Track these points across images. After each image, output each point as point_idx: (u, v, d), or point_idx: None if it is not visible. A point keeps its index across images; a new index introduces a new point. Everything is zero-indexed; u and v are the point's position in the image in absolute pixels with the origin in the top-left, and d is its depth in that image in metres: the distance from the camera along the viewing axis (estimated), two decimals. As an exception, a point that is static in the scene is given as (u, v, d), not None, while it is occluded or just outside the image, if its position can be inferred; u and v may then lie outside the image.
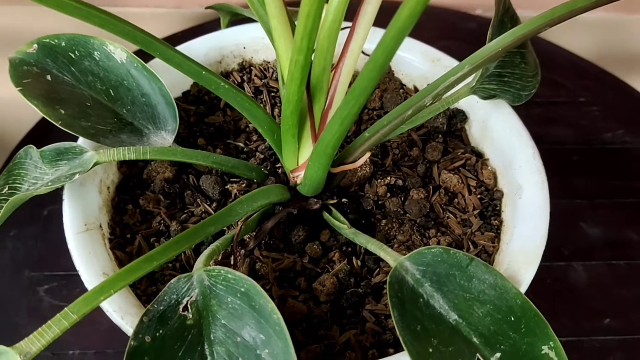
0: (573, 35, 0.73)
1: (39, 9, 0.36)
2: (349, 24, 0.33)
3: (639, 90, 0.67)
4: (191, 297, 0.30)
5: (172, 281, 0.30)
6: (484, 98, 0.40)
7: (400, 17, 0.25)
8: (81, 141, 0.37)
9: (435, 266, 0.32)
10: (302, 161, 0.36)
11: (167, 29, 0.72)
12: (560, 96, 0.67)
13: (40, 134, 0.58)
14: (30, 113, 0.42)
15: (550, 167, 0.40)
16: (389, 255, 0.32)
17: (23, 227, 0.53)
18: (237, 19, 0.49)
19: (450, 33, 0.74)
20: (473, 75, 0.39)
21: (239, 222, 0.35)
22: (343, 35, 0.32)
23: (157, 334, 0.28)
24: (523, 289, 0.33)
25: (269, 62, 0.48)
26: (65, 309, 0.27)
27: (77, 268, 0.33)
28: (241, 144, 0.43)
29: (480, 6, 0.79)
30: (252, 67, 0.47)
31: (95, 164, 0.34)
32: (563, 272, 0.53)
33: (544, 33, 0.64)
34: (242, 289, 0.29)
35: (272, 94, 0.46)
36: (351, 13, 0.32)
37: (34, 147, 0.36)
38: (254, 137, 0.43)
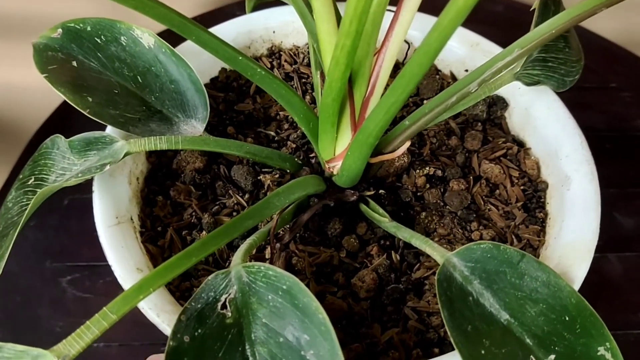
0: (602, 18, 0.71)
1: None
2: (393, 8, 0.31)
3: (672, 76, 0.65)
4: (229, 294, 0.28)
5: (209, 278, 0.29)
6: (528, 84, 0.38)
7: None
8: (110, 130, 0.36)
9: (485, 263, 0.30)
10: (340, 151, 0.35)
11: (187, 12, 0.70)
12: (590, 81, 0.65)
13: (58, 122, 0.57)
14: (47, 100, 0.40)
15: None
16: (435, 252, 0.31)
17: (44, 217, 0.52)
18: (262, 2, 0.47)
19: (476, 16, 0.72)
20: (517, 60, 0.37)
21: (275, 215, 0.34)
22: (385, 18, 0.30)
23: (196, 334, 0.27)
24: (576, 286, 0.32)
25: (299, 47, 0.46)
26: (104, 308, 0.26)
27: (110, 263, 0.32)
28: (272, 133, 0.41)
29: (507, -12, 0.76)
30: (281, 52, 0.46)
31: (126, 154, 0.33)
32: (597, 264, 0.51)
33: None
34: (284, 287, 0.28)
35: (303, 80, 0.44)
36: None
37: (62, 137, 0.34)
38: (285, 126, 0.42)
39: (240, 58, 0.32)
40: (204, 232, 0.36)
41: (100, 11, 0.36)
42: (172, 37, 0.36)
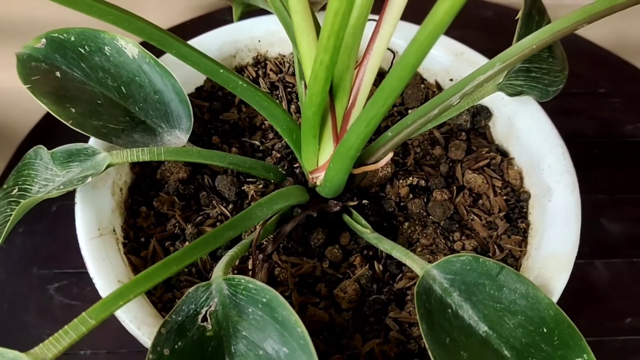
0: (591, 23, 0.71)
1: None
2: (375, 17, 0.31)
3: (660, 81, 0.65)
4: (210, 306, 0.29)
5: (190, 290, 0.29)
6: (511, 95, 0.38)
7: (436, 14, 0.23)
8: (93, 141, 0.36)
9: (464, 275, 0.30)
10: (323, 162, 0.35)
11: (176, 17, 0.70)
12: (579, 87, 0.65)
13: (47, 130, 0.57)
14: (38, 105, 0.40)
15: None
16: (415, 264, 0.31)
17: (32, 224, 0.52)
18: (250, 10, 0.47)
19: (465, 21, 0.72)
20: (499, 71, 0.37)
21: (258, 226, 0.34)
22: (367, 29, 0.30)
23: (176, 347, 0.27)
24: (555, 297, 0.32)
25: (284, 56, 0.46)
26: (83, 313, 0.26)
27: (91, 275, 0.32)
28: (257, 142, 0.41)
29: (497, -7, 0.76)
30: (267, 62, 0.46)
31: (108, 166, 0.33)
32: (583, 270, 0.52)
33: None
34: (264, 300, 0.28)
35: (289, 89, 0.44)
36: (378, 4, 0.30)
37: (44, 148, 0.34)
38: (270, 135, 0.42)
39: (222, 71, 0.32)
40: (187, 243, 0.36)
41: (87, 20, 0.36)
42: (156, 48, 0.36)
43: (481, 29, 0.70)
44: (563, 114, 0.64)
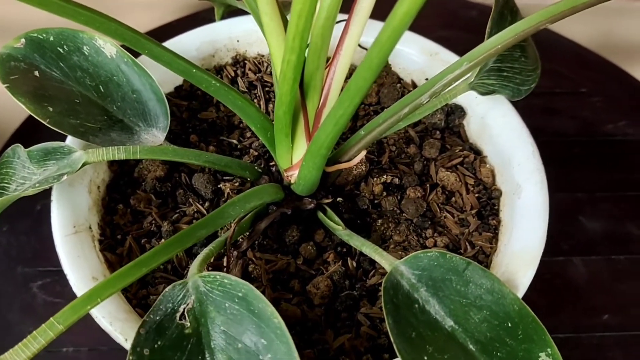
0: (574, 22, 0.72)
1: None
2: (345, 16, 0.32)
3: (641, 81, 0.66)
4: (187, 304, 0.29)
5: (166, 289, 0.29)
6: (483, 94, 0.39)
7: (396, 16, 0.24)
8: (70, 140, 0.36)
9: (431, 270, 0.31)
10: (296, 160, 0.36)
11: (161, 17, 0.70)
12: (561, 87, 0.66)
13: (31, 130, 0.57)
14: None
15: (550, 159, 0.39)
16: (384, 259, 0.32)
17: (16, 222, 0.52)
18: (232, 10, 0.48)
19: (450, 21, 0.73)
20: (472, 70, 0.38)
21: (232, 224, 0.35)
22: (338, 28, 0.31)
23: (156, 346, 0.27)
24: (520, 293, 0.33)
25: (263, 56, 0.47)
26: (51, 319, 0.26)
27: (65, 272, 0.33)
28: (234, 141, 0.42)
29: (481, -7, 0.77)
30: (246, 61, 0.46)
31: (84, 164, 0.33)
32: (562, 267, 0.52)
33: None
34: (240, 294, 0.28)
35: (267, 88, 0.45)
36: (348, 2, 0.30)
37: (22, 146, 0.35)
38: (248, 134, 0.42)
39: (194, 71, 0.32)
40: (163, 240, 0.36)
41: (68, 21, 0.37)
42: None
43: (466, 29, 0.71)
44: (545, 113, 0.65)
